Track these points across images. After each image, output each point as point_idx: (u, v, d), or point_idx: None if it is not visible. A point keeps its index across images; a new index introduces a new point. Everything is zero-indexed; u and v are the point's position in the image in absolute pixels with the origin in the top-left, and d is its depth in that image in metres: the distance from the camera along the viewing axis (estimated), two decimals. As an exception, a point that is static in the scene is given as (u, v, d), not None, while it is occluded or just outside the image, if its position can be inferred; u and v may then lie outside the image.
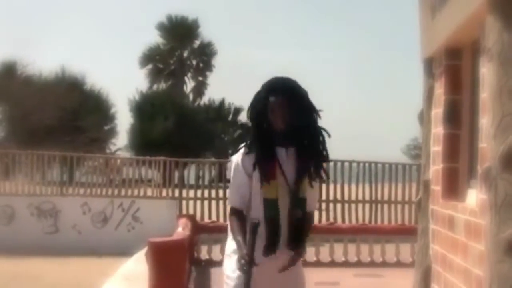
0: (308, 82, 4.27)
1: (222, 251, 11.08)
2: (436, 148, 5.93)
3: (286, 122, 3.91)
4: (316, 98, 4.06)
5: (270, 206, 3.93)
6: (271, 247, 3.91)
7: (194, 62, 50.99)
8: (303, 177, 3.95)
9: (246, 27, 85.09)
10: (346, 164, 18.07)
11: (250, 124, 4.10)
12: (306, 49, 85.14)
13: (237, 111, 47.06)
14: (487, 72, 4.21)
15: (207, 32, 53.68)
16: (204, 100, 49.48)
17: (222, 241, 10.91)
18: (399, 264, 11.21)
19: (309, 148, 3.98)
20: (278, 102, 3.92)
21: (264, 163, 3.93)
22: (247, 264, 3.76)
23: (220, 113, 47.24)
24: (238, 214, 4.01)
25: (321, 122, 4.07)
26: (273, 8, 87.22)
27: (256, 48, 78.92)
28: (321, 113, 4.05)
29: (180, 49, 50.47)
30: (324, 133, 4.05)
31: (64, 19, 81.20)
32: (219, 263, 4.12)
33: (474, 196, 4.85)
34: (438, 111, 5.91)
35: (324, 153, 4.07)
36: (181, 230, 9.50)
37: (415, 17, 6.59)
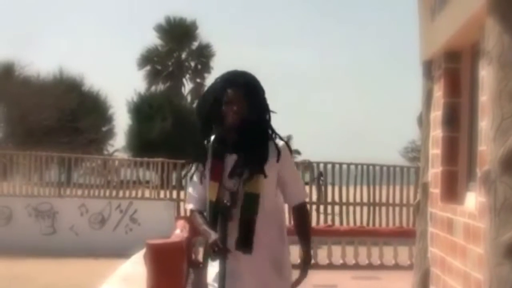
0: (307, 84, 4.21)
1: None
2: (435, 151, 5.93)
3: (240, 116, 3.76)
4: (314, 99, 3.97)
5: (211, 208, 3.81)
6: (215, 252, 3.75)
7: (192, 64, 51.01)
8: (248, 173, 3.75)
9: (244, 29, 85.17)
10: (344, 166, 18.07)
11: (197, 116, 3.95)
12: (305, 52, 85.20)
13: (235, 113, 46.96)
14: (486, 75, 4.21)
15: (205, 34, 53.60)
16: (202, 101, 49.41)
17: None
18: (397, 267, 11.20)
19: (255, 149, 3.79)
20: (236, 94, 3.77)
21: (213, 161, 3.82)
22: (220, 252, 3.67)
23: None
24: (198, 212, 3.92)
25: (274, 123, 3.95)
26: (271, 10, 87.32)
27: (255, 50, 78.95)
28: (273, 115, 3.91)
29: (178, 50, 50.49)
30: (272, 134, 3.88)
31: (63, 20, 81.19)
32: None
33: (473, 199, 4.84)
34: (437, 114, 5.90)
35: (264, 154, 3.80)
36: (179, 231, 9.48)
37: (414, 20, 6.59)
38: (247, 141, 3.78)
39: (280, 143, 3.87)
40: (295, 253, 4.48)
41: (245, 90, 3.79)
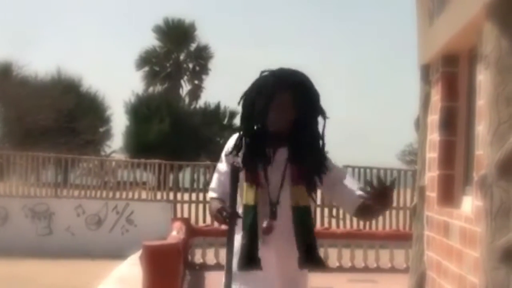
0: None
1: (216, 255, 11.11)
2: (432, 155, 5.93)
3: (287, 123, 3.41)
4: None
5: (247, 213, 3.42)
6: (246, 260, 3.40)
7: (190, 65, 51.00)
8: (298, 184, 3.42)
9: (243, 31, 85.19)
10: (341, 169, 18.09)
11: (242, 112, 3.52)
12: (303, 55, 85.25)
13: (233, 114, 47.05)
14: (484, 79, 4.22)
15: (204, 35, 53.71)
16: (200, 103, 49.53)
17: (216, 245, 10.93)
18: (393, 270, 11.21)
19: (307, 152, 3.42)
20: (286, 99, 3.38)
21: (250, 163, 3.45)
22: (231, 216, 3.33)
23: (215, 116, 47.25)
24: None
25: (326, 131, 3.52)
26: (270, 12, 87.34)
27: (253, 51, 78.99)
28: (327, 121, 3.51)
29: (177, 52, 50.48)
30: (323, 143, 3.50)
31: (61, 20, 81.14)
32: (213, 267, 4.02)
33: (470, 203, 4.85)
34: (434, 118, 5.91)
35: (321, 162, 3.45)
36: (176, 233, 9.48)
37: (412, 23, 6.60)
38: (294, 145, 3.43)
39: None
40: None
41: (296, 94, 3.39)
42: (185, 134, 42.13)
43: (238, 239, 3.44)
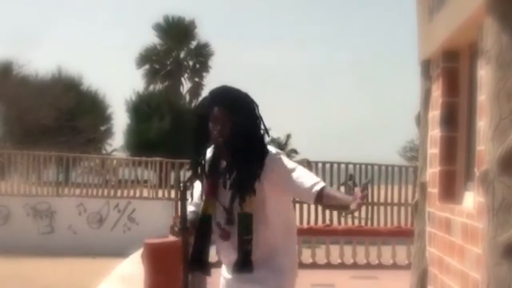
0: (304, 84, 4.14)
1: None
2: (433, 151, 5.92)
3: (223, 136, 3.69)
4: (313, 98, 3.85)
5: (204, 221, 3.84)
6: (195, 264, 3.86)
7: (190, 63, 50.97)
8: (241, 193, 3.69)
9: (243, 29, 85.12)
10: (343, 165, 18.08)
11: (192, 131, 3.93)
12: (303, 50, 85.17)
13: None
14: (484, 74, 4.20)
15: (204, 33, 53.71)
16: (200, 101, 49.45)
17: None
18: (395, 266, 11.20)
19: (241, 160, 3.70)
20: (221, 113, 3.69)
21: (207, 177, 3.84)
22: (180, 231, 3.75)
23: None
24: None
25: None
26: (270, 10, 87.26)
27: (253, 49, 78.95)
28: (268, 131, 3.79)
29: (177, 50, 50.44)
30: (261, 151, 3.73)
31: (61, 19, 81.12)
32: (214, 265, 4.03)
33: (471, 199, 4.84)
34: (435, 114, 5.90)
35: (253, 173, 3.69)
36: (177, 231, 9.47)
37: (412, 19, 6.58)
38: (234, 161, 3.72)
39: (272, 153, 3.74)
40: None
41: (230, 109, 3.69)
42: (186, 132, 41.98)
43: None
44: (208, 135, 3.75)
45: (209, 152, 3.88)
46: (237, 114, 3.69)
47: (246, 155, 3.68)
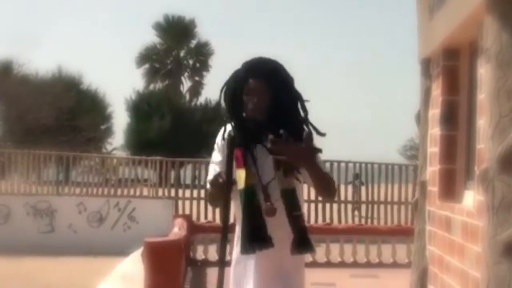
0: (305, 82, 4.12)
1: (218, 251, 11.10)
2: (433, 149, 5.92)
3: (262, 109, 3.46)
4: (313, 97, 3.74)
5: (241, 197, 3.48)
6: (245, 244, 3.47)
7: (190, 62, 50.98)
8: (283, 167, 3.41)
9: (243, 28, 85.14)
10: (343, 164, 18.09)
11: (225, 105, 3.63)
12: (303, 49, 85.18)
13: (234, 111, 47.06)
14: (484, 73, 4.20)
15: (204, 32, 53.81)
16: (201, 100, 49.55)
17: (218, 242, 10.92)
18: (395, 265, 11.20)
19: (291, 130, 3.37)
20: (258, 85, 3.47)
21: (237, 151, 3.51)
22: (227, 181, 3.39)
23: (216, 113, 47.22)
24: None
25: (310, 116, 3.54)
26: (270, 8, 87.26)
27: (253, 48, 78.97)
28: (308, 104, 3.55)
29: (177, 49, 50.46)
30: (309, 127, 3.49)
31: (61, 18, 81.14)
32: (215, 264, 4.00)
33: (471, 198, 4.84)
34: (435, 112, 5.89)
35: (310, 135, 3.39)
36: (177, 230, 9.48)
37: (412, 17, 6.58)
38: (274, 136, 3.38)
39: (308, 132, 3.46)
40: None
41: (268, 80, 3.47)
42: (186, 131, 42.12)
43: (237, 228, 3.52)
44: (241, 108, 3.52)
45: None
46: (275, 86, 3.48)
47: (286, 131, 3.36)
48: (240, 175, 3.47)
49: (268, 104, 3.47)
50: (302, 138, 3.34)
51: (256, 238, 3.44)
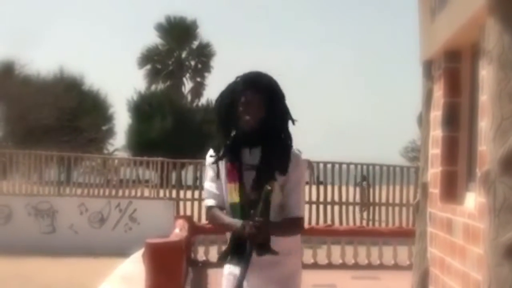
0: (305, 83, 4.15)
1: (219, 252, 11.11)
2: (435, 151, 5.92)
3: (257, 121, 3.62)
4: (315, 99, 3.89)
5: (234, 211, 3.65)
6: (234, 256, 3.63)
7: (192, 63, 51.02)
8: (267, 180, 3.58)
9: (244, 29, 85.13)
10: (344, 166, 18.07)
11: (215, 115, 3.78)
12: (304, 51, 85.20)
13: (235, 112, 47.11)
14: (486, 75, 4.20)
15: (206, 33, 53.75)
16: (202, 101, 49.59)
17: (219, 243, 10.92)
18: (396, 266, 11.20)
19: (275, 149, 3.64)
20: (256, 99, 3.63)
21: (226, 165, 3.68)
22: (258, 229, 3.47)
23: (218, 114, 47.23)
24: (216, 208, 3.76)
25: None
26: (272, 10, 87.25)
27: (254, 49, 78.96)
28: (295, 122, 3.77)
29: (179, 50, 50.49)
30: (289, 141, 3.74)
31: (63, 19, 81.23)
32: (215, 264, 4.02)
33: (473, 199, 4.83)
34: (437, 114, 5.89)
35: (287, 159, 3.66)
36: (178, 231, 9.48)
37: (414, 19, 6.58)
38: (264, 148, 3.64)
39: (295, 153, 3.70)
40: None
41: (264, 93, 3.65)
42: (187, 131, 42.13)
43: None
44: (235, 119, 3.67)
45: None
46: (271, 100, 3.66)
47: (276, 142, 3.65)
48: (232, 189, 3.66)
49: (262, 116, 3.64)
50: (277, 153, 3.62)
51: (237, 252, 3.61)
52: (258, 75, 3.72)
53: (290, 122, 3.75)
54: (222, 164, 3.72)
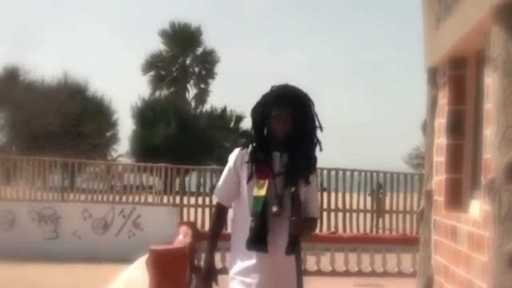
0: (310, 89, 4.26)
1: (223, 259, 11.11)
2: (440, 159, 5.91)
3: (287, 133, 4.03)
4: (318, 105, 4.12)
5: (257, 202, 4.00)
6: (255, 243, 3.96)
7: (196, 69, 51.05)
8: (293, 183, 4.02)
9: (248, 35, 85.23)
10: (348, 173, 18.05)
11: (251, 122, 4.21)
12: (308, 57, 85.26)
13: (239, 118, 47.12)
14: (491, 82, 4.19)
15: (210, 39, 53.57)
16: (206, 107, 49.60)
17: (222, 249, 10.90)
18: (400, 274, 11.15)
19: (301, 157, 4.08)
20: (284, 113, 4.02)
21: (257, 163, 4.06)
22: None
23: (221, 120, 47.27)
24: (221, 214, 4.26)
25: (322, 136, 4.17)
26: (275, 16, 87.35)
27: (259, 56, 79.03)
28: (324, 129, 4.15)
29: (183, 56, 50.54)
30: (317, 147, 4.16)
31: (67, 25, 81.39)
32: (219, 271, 4.05)
33: (478, 207, 4.82)
34: (441, 121, 5.89)
35: (311, 166, 4.15)
36: (182, 237, 9.46)
37: (419, 26, 6.58)
38: (292, 154, 4.05)
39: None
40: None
41: (291, 108, 4.02)
42: (191, 138, 42.15)
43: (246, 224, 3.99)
44: (268, 128, 4.09)
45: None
46: (300, 114, 4.04)
47: (301, 153, 4.07)
48: (262, 185, 4.02)
49: (289, 129, 4.04)
50: (302, 163, 4.06)
51: (258, 241, 3.97)
52: (285, 91, 4.10)
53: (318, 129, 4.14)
54: (246, 164, 4.10)
